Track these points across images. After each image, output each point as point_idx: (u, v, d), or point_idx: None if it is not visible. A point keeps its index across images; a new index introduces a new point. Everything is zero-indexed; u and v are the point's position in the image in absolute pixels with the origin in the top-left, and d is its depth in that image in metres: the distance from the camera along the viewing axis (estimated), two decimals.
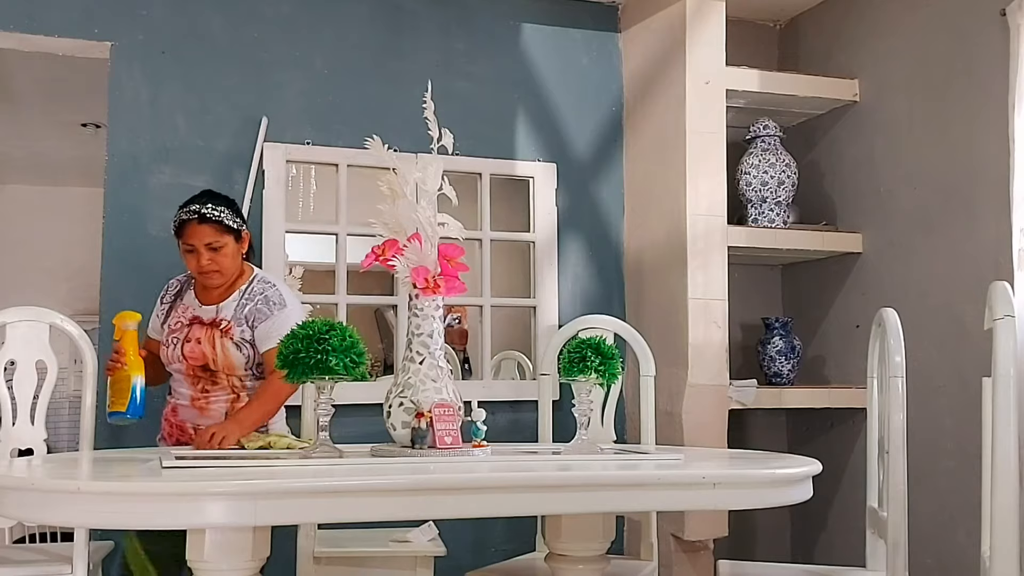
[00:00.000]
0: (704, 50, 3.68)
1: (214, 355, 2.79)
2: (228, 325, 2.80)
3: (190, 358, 2.80)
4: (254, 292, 2.86)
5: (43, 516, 2.01)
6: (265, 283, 2.89)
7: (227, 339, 2.80)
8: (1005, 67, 3.11)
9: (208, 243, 2.75)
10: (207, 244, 2.75)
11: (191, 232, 2.75)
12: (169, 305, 2.91)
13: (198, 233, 2.75)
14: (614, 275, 4.11)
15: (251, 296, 2.86)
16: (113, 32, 3.55)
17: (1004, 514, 1.93)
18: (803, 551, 4.24)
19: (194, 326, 2.82)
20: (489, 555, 3.72)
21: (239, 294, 2.86)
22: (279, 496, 1.85)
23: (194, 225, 2.75)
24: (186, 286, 2.92)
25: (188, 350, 2.80)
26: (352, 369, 2.22)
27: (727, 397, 3.64)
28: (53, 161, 6.55)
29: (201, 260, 2.75)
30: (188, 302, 2.88)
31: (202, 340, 2.79)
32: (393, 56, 3.87)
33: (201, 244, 2.75)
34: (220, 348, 2.79)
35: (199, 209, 2.76)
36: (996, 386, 1.95)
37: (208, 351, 2.79)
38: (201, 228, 2.75)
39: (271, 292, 2.85)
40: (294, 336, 2.23)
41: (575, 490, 2.07)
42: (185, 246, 2.78)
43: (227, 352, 2.79)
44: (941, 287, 3.48)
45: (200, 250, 2.75)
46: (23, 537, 3.76)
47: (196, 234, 2.75)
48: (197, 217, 2.75)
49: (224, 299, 2.85)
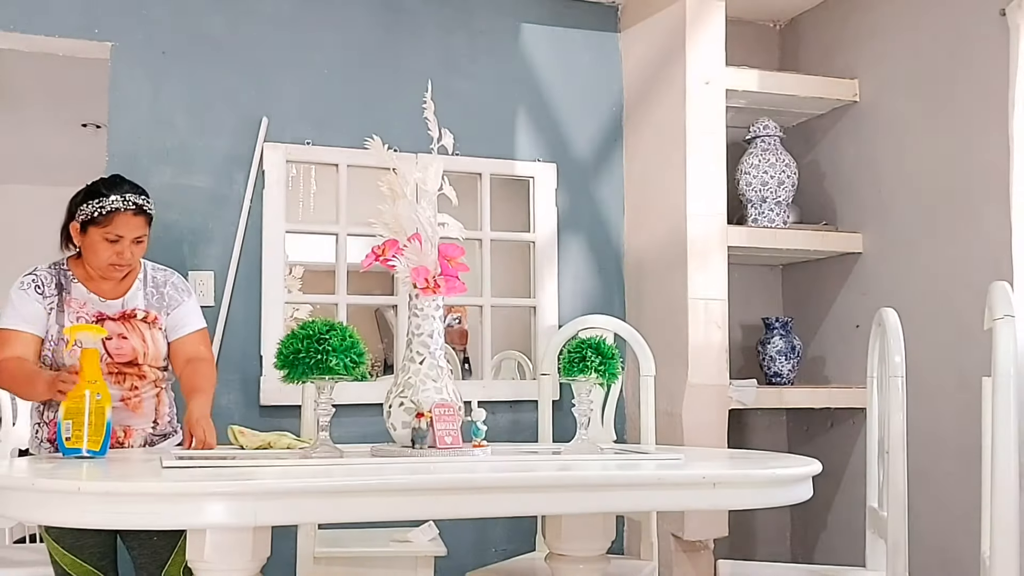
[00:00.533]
0: (704, 50, 3.68)
1: (145, 348, 2.65)
2: (153, 316, 2.68)
3: (117, 355, 2.61)
4: (156, 280, 2.75)
5: (43, 516, 2.00)
6: (160, 270, 2.79)
7: (156, 330, 2.68)
8: (1005, 67, 3.11)
9: (137, 236, 2.61)
10: (136, 238, 2.61)
11: (122, 223, 2.58)
12: (55, 298, 2.62)
13: (130, 225, 2.59)
14: (614, 275, 4.11)
15: (156, 285, 2.74)
16: (113, 32, 3.55)
17: (1004, 514, 1.93)
18: (803, 551, 4.24)
19: (105, 322, 2.61)
20: (489, 555, 3.73)
21: (140, 283, 2.72)
22: (279, 496, 1.85)
23: (129, 216, 2.59)
24: (64, 279, 2.66)
25: (114, 347, 2.61)
26: (352, 369, 2.21)
27: (727, 397, 3.64)
28: (53, 161, 6.55)
29: (124, 253, 2.60)
30: (81, 296, 2.64)
31: (128, 335, 2.63)
32: (393, 56, 3.87)
33: (131, 237, 2.60)
34: (151, 340, 2.66)
35: (137, 200, 2.61)
36: (996, 386, 1.95)
37: (138, 345, 2.64)
38: (135, 220, 2.60)
39: (175, 279, 2.79)
40: (294, 336, 2.20)
41: (575, 490, 2.06)
42: (108, 236, 2.58)
43: (157, 344, 2.68)
44: (941, 287, 3.48)
45: (126, 243, 2.59)
46: (23, 537, 3.75)
47: (128, 226, 2.59)
48: (135, 208, 2.60)
49: (126, 291, 2.69)
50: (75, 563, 2.58)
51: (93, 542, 2.59)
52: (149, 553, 2.63)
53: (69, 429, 2.27)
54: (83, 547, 2.58)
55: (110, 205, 2.58)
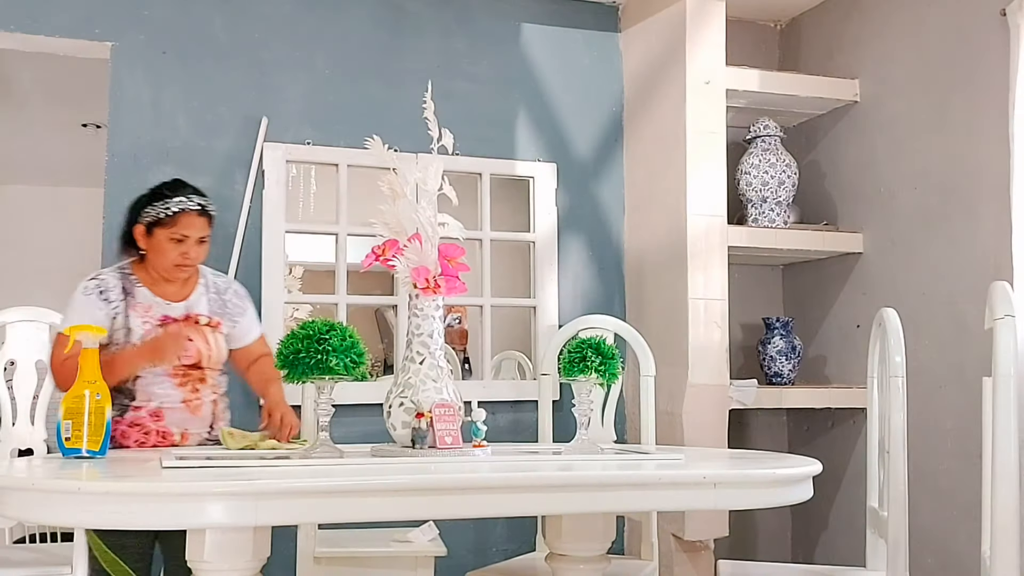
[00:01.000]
0: (704, 50, 3.68)
1: (209, 351, 2.74)
2: (216, 321, 2.77)
3: (184, 357, 2.69)
4: (218, 286, 2.84)
5: (43, 516, 2.01)
6: (220, 276, 2.90)
7: (218, 335, 2.77)
8: (1005, 67, 3.11)
9: (201, 236, 2.71)
10: (200, 238, 2.71)
11: (187, 223, 2.68)
12: (121, 304, 2.68)
13: (195, 225, 2.69)
14: (614, 275, 4.11)
15: (218, 290, 2.83)
16: (113, 32, 3.55)
17: (1004, 514, 1.93)
18: (804, 551, 4.24)
19: (170, 325, 2.70)
20: (489, 555, 3.73)
21: (203, 288, 2.81)
22: (279, 496, 1.85)
23: (193, 216, 2.69)
24: (128, 283, 2.72)
25: None
26: (352, 369, 2.21)
27: (727, 397, 3.64)
28: (53, 161, 6.55)
29: (190, 253, 2.69)
30: (147, 300, 2.71)
31: (193, 338, 2.70)
32: (393, 56, 3.87)
33: (196, 237, 2.69)
34: (214, 344, 2.75)
35: (201, 202, 2.72)
36: (996, 386, 1.95)
37: (203, 348, 2.72)
38: (199, 220, 2.70)
39: (236, 286, 2.90)
40: (294, 336, 2.20)
41: (576, 490, 2.06)
42: (175, 236, 2.67)
43: (220, 348, 2.77)
44: (941, 287, 3.48)
45: (191, 243, 2.69)
46: (23, 537, 3.75)
47: (193, 226, 2.69)
48: (199, 209, 2.70)
49: (189, 295, 2.78)
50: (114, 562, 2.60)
51: (134, 543, 2.61)
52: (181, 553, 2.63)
53: (68, 429, 2.26)
54: (124, 546, 2.59)
55: (176, 206, 2.67)
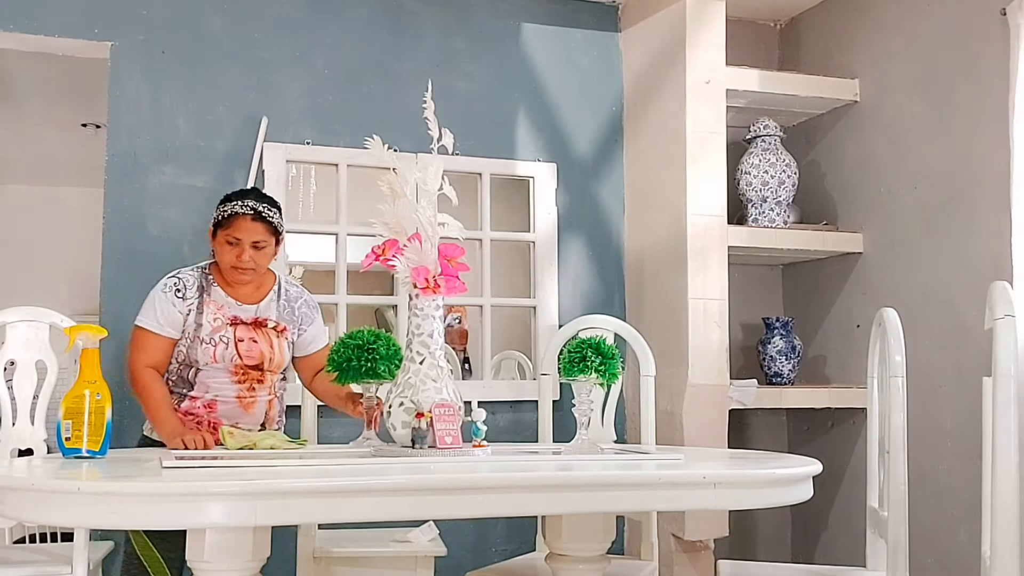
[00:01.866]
0: (704, 50, 3.67)
1: (272, 355, 2.82)
2: (283, 326, 2.86)
3: (247, 357, 2.79)
4: (291, 295, 2.93)
5: (43, 516, 2.01)
6: (293, 286, 2.97)
7: (284, 340, 2.86)
8: (1005, 67, 3.11)
9: (255, 241, 2.78)
10: (254, 242, 2.78)
11: (241, 227, 2.76)
12: (196, 301, 2.80)
13: (249, 229, 2.77)
14: (614, 275, 4.11)
15: (289, 299, 2.92)
16: (113, 32, 3.55)
17: (1004, 514, 1.93)
18: (804, 551, 4.24)
19: (239, 326, 2.80)
20: (489, 555, 3.73)
21: (275, 295, 2.90)
22: (279, 496, 1.85)
23: (247, 221, 2.77)
24: (205, 282, 2.84)
25: (245, 349, 2.79)
26: (394, 372, 2.45)
27: (727, 397, 3.64)
28: (53, 161, 6.55)
29: (243, 255, 2.76)
30: (220, 300, 2.83)
31: (258, 340, 2.80)
32: (393, 56, 3.87)
33: (248, 240, 2.77)
34: (278, 348, 2.84)
35: (256, 207, 2.79)
36: (996, 386, 1.95)
37: (266, 351, 2.81)
38: (254, 225, 2.77)
39: (307, 296, 2.98)
40: (345, 345, 2.45)
41: (575, 490, 2.07)
42: (228, 238, 2.77)
43: (283, 353, 2.86)
44: (941, 287, 3.48)
45: (244, 246, 2.77)
46: (23, 537, 3.75)
47: (247, 230, 2.76)
48: (253, 214, 2.77)
49: (261, 299, 2.87)
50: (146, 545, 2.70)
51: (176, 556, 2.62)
52: None
53: (69, 429, 2.27)
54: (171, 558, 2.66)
55: (231, 209, 2.79)
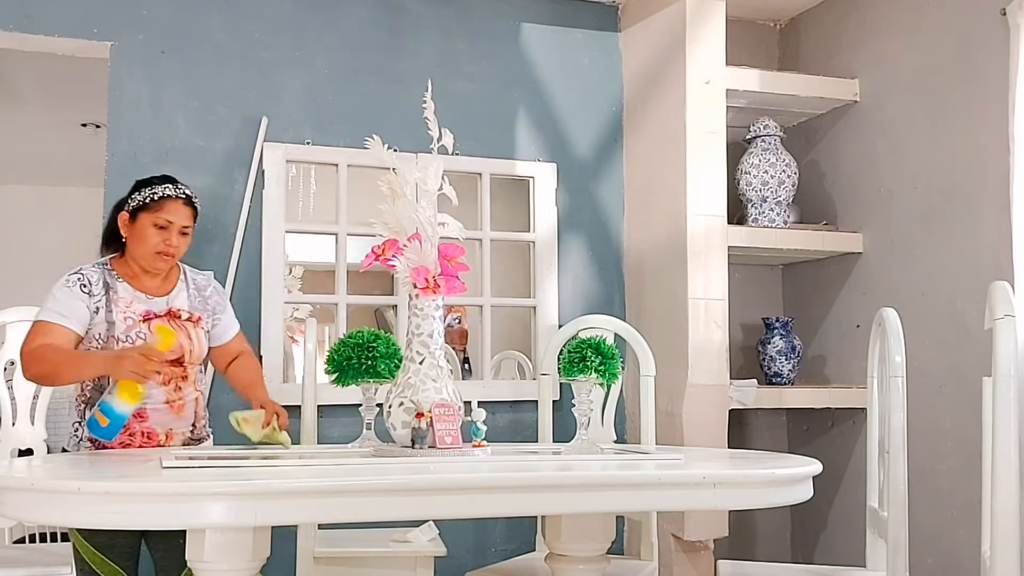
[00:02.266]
0: (704, 50, 3.67)
1: (191, 347, 2.70)
2: (197, 316, 2.74)
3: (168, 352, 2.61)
4: (198, 283, 2.82)
5: (43, 516, 2.00)
6: (199, 273, 2.87)
7: (200, 330, 2.75)
8: (1005, 67, 3.11)
9: (184, 226, 2.70)
10: (183, 227, 2.70)
11: (172, 209, 2.68)
12: (102, 297, 2.64)
13: (179, 213, 2.69)
14: (614, 275, 4.11)
15: (198, 288, 2.81)
16: (113, 32, 3.55)
17: (1004, 514, 1.93)
18: (803, 551, 4.24)
19: (152, 320, 2.65)
20: (489, 555, 3.73)
21: (183, 284, 2.79)
22: (279, 496, 1.85)
23: (179, 204, 2.69)
24: (109, 277, 2.69)
25: None
26: (393, 372, 2.46)
27: (727, 397, 3.64)
28: (53, 161, 6.56)
29: (171, 239, 2.67)
30: (127, 295, 2.67)
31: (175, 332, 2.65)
32: (393, 56, 3.87)
33: (179, 224, 2.69)
34: (196, 339, 2.72)
35: (187, 191, 2.73)
36: (996, 386, 1.95)
37: (185, 343, 2.68)
38: (184, 209, 2.70)
39: (214, 282, 2.88)
40: (345, 345, 2.46)
41: (575, 490, 2.06)
42: (159, 221, 2.66)
43: (202, 343, 2.75)
44: (941, 287, 3.48)
45: (174, 230, 2.68)
46: (23, 537, 3.75)
47: (177, 213, 2.68)
48: (185, 198, 2.71)
49: (170, 290, 2.75)
50: (104, 562, 2.59)
51: (125, 542, 2.60)
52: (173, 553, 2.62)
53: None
54: (114, 547, 2.59)
55: (162, 191, 2.68)
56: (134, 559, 2.65)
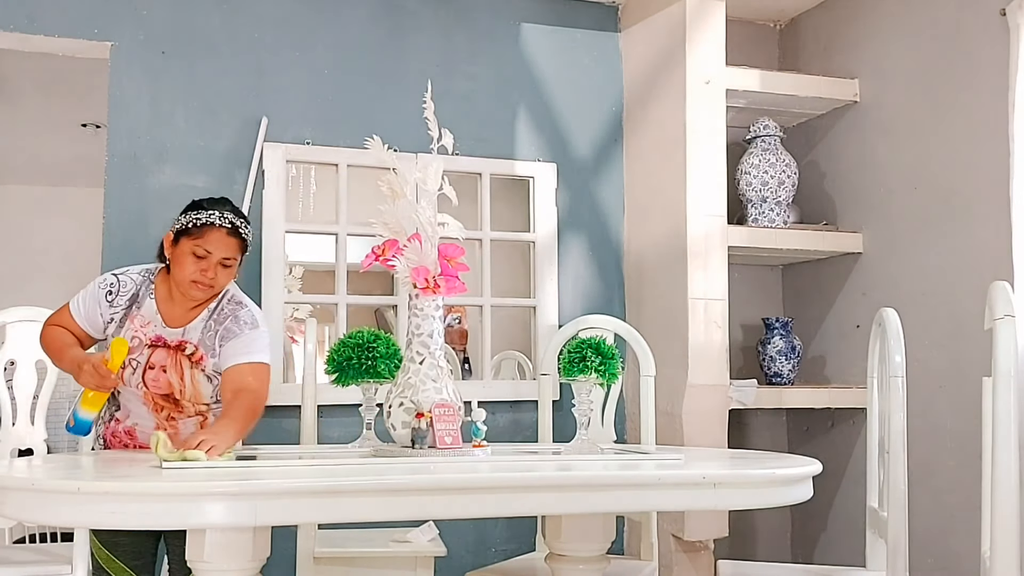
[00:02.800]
0: (704, 50, 3.68)
1: (182, 386, 2.55)
2: (200, 355, 2.55)
3: (152, 385, 2.54)
4: (223, 313, 2.60)
5: (43, 516, 2.00)
6: (236, 303, 2.63)
7: (197, 370, 2.56)
8: (1005, 67, 3.11)
9: (225, 257, 2.53)
10: (223, 259, 2.53)
11: (214, 240, 2.50)
12: (123, 310, 2.56)
13: (221, 243, 2.51)
14: (614, 275, 4.11)
15: (219, 317, 2.59)
16: (113, 32, 3.55)
17: (1004, 514, 1.93)
18: (803, 551, 4.24)
19: (158, 349, 2.54)
20: (489, 555, 3.73)
21: (207, 313, 2.59)
22: (279, 496, 1.85)
23: (222, 234, 2.51)
24: (144, 291, 2.59)
25: (151, 379, 2.54)
26: (393, 372, 2.48)
27: (727, 397, 3.64)
28: (53, 161, 6.55)
29: (208, 272, 2.51)
30: (148, 315, 2.56)
31: (168, 368, 2.53)
32: (393, 56, 3.87)
33: (219, 256, 2.51)
34: (189, 380, 2.55)
35: (234, 220, 2.54)
36: (996, 386, 1.95)
37: (175, 381, 2.54)
38: (228, 240, 2.53)
39: (242, 313, 2.60)
40: (345, 345, 2.47)
41: (575, 490, 2.06)
42: (197, 250, 2.50)
43: (196, 384, 2.56)
44: (941, 287, 3.48)
45: (213, 261, 2.51)
46: (23, 537, 3.75)
47: (219, 244, 2.51)
48: (230, 228, 2.53)
49: (191, 320, 2.58)
50: (109, 559, 2.61)
51: (127, 541, 2.60)
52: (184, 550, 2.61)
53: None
54: (117, 544, 2.60)
55: (206, 218, 2.51)
56: (144, 559, 2.65)
